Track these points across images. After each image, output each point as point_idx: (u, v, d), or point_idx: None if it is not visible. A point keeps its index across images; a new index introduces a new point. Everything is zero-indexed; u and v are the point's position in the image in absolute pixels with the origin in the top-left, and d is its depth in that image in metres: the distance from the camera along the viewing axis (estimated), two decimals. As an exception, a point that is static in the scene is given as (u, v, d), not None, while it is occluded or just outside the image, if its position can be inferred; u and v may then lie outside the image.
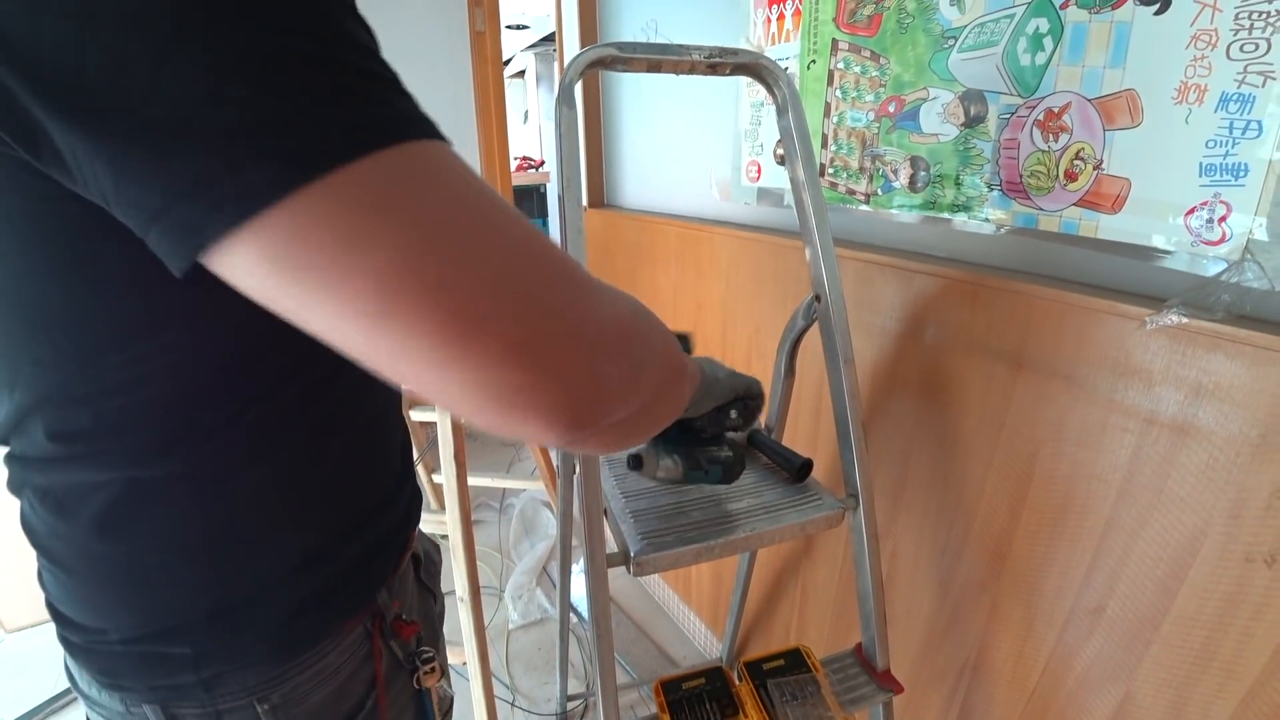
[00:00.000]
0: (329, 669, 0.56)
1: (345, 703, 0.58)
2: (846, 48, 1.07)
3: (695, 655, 1.86)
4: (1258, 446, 0.67)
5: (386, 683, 0.60)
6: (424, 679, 0.63)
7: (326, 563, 0.55)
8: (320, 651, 0.55)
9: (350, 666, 0.58)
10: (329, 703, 0.57)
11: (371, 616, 0.59)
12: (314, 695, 0.55)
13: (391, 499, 0.62)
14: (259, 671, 0.52)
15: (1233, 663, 0.72)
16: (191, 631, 0.49)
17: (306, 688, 0.55)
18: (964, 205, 0.94)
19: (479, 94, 2.87)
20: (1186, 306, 0.71)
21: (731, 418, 0.73)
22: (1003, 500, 0.93)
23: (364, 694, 0.59)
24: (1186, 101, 0.71)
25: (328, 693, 0.56)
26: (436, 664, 0.64)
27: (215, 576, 0.49)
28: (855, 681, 0.83)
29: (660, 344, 0.44)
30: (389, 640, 0.61)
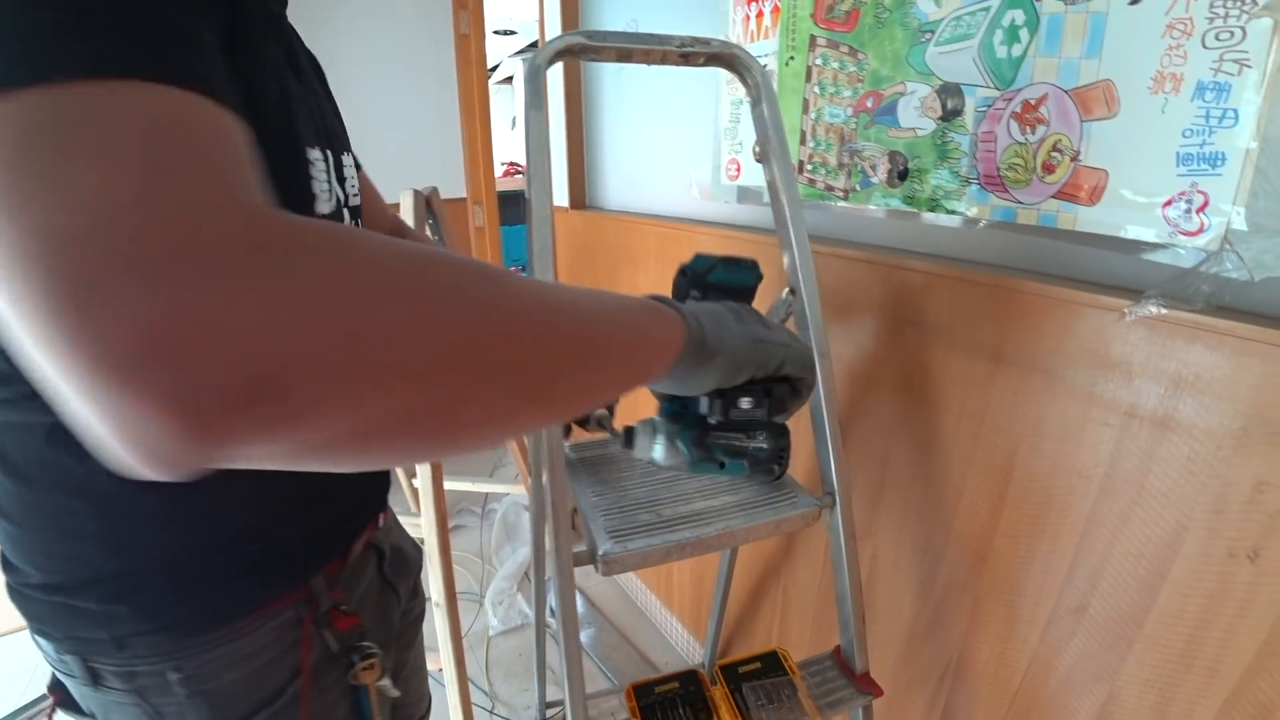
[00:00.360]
0: (247, 649, 0.55)
1: (263, 687, 0.57)
2: (825, 43, 1.06)
3: (677, 660, 1.84)
4: (1239, 439, 0.66)
5: (314, 674, 0.59)
6: (360, 674, 0.61)
7: (251, 541, 0.54)
8: (238, 630, 0.54)
9: (273, 651, 0.57)
10: (245, 684, 0.56)
11: (305, 603, 0.58)
12: (229, 674, 0.55)
13: (336, 491, 0.61)
14: (170, 639, 0.52)
15: (1216, 661, 0.70)
16: (103, 586, 0.50)
17: (220, 664, 0.54)
18: (942, 199, 0.93)
19: (463, 97, 2.86)
20: (1165, 297, 0.69)
21: (742, 408, 0.54)
22: (983, 498, 0.91)
23: (285, 681, 0.58)
24: (1163, 91, 0.70)
25: (245, 673, 0.55)
26: (377, 661, 0.62)
27: (129, 535, 0.50)
28: (833, 685, 0.81)
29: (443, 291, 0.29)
30: (322, 630, 0.59)
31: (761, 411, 0.54)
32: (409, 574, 0.80)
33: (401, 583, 0.77)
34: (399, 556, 0.77)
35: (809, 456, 1.20)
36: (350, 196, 0.63)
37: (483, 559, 2.29)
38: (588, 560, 0.70)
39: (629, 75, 1.65)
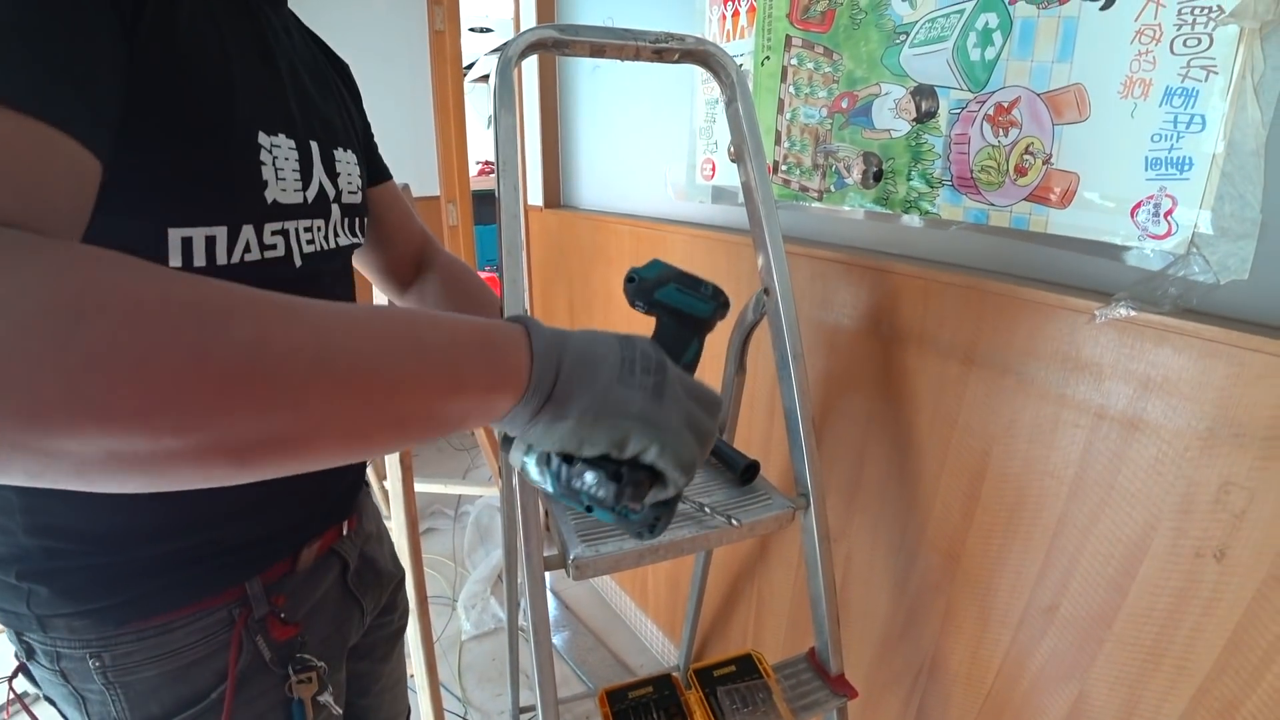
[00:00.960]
0: (170, 646, 0.54)
1: (185, 686, 0.55)
2: (800, 44, 1.06)
3: (653, 663, 1.83)
4: (1205, 440, 0.67)
5: (242, 680, 0.57)
6: (296, 687, 0.59)
7: (179, 537, 0.53)
8: (162, 625, 0.53)
9: (200, 651, 0.55)
10: (166, 681, 0.55)
11: (238, 605, 0.57)
12: (150, 668, 0.54)
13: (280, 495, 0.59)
14: (90, 626, 0.52)
15: (1184, 659, 0.71)
16: (26, 563, 0.51)
17: (141, 657, 0.53)
18: (915, 201, 0.94)
19: (438, 93, 2.82)
20: (1135, 300, 0.70)
21: (584, 482, 0.42)
22: (956, 499, 0.91)
23: (211, 684, 0.56)
24: (1132, 96, 0.71)
25: (167, 670, 0.54)
26: (317, 675, 0.60)
27: (51, 517, 0.50)
28: (808, 687, 0.81)
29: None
30: (255, 635, 0.58)
31: (607, 494, 0.42)
32: (379, 587, 0.77)
33: (368, 594, 0.74)
34: (368, 568, 0.75)
35: (783, 458, 1.20)
36: (345, 193, 0.63)
37: (455, 562, 2.26)
38: (559, 564, 0.68)
39: (604, 74, 1.64)
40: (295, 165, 0.54)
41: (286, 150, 0.53)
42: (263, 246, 0.51)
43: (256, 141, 0.50)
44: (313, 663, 0.61)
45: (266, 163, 0.50)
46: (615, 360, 0.40)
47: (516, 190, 0.65)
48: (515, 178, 0.65)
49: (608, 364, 0.40)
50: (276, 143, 0.51)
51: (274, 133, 0.51)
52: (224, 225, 0.48)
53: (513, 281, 0.65)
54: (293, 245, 0.55)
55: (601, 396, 0.39)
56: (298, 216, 0.55)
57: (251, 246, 0.50)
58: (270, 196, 0.51)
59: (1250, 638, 0.66)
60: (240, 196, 0.49)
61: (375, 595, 0.77)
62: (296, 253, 0.55)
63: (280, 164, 0.52)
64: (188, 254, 0.46)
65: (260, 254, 0.51)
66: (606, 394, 0.39)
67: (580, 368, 0.39)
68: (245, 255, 0.50)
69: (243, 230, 0.49)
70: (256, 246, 0.51)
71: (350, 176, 0.64)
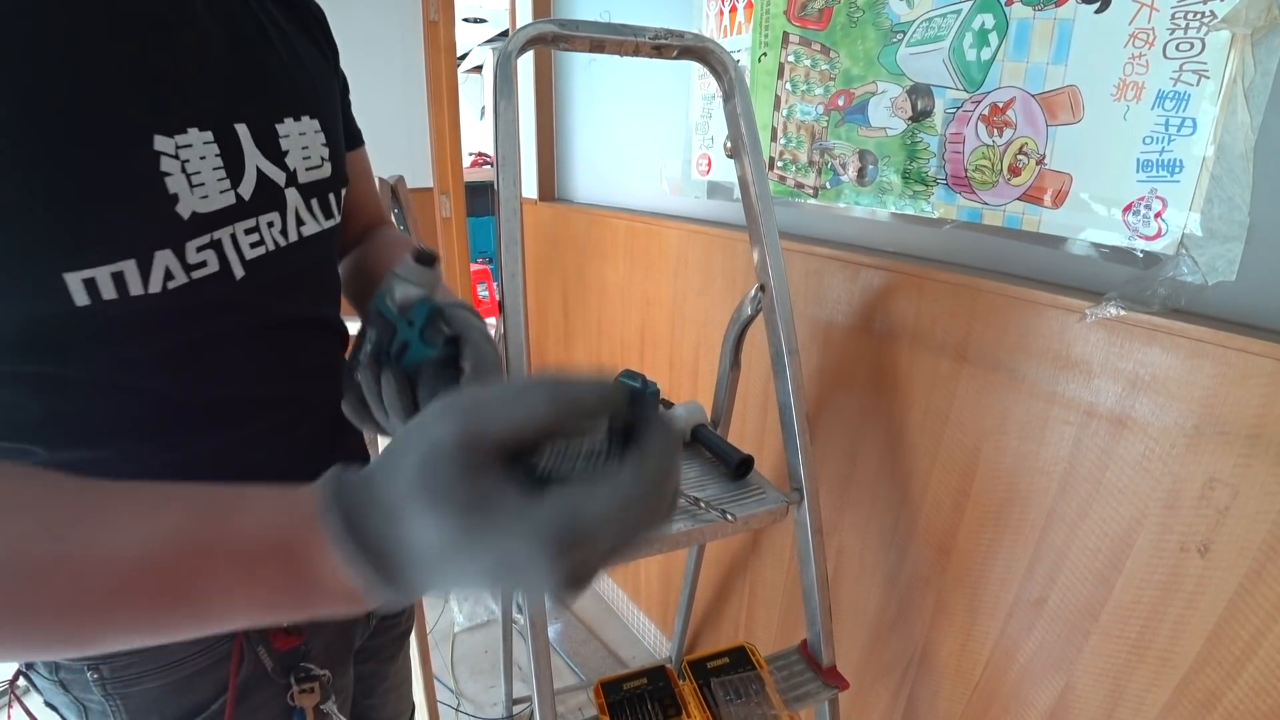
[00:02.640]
0: (171, 658, 0.52)
1: (186, 698, 0.54)
2: (797, 41, 1.06)
3: (645, 655, 1.84)
4: (1191, 438, 0.68)
5: (244, 692, 0.56)
6: (298, 697, 0.57)
7: None
8: None
9: (200, 662, 0.54)
10: (167, 692, 0.53)
11: None
12: (149, 681, 0.52)
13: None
14: None
15: (1168, 651, 0.72)
16: None
17: (140, 669, 0.52)
18: (910, 199, 0.94)
19: (431, 84, 2.80)
20: (1124, 300, 0.71)
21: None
22: (947, 494, 0.93)
23: (211, 696, 0.55)
24: (1125, 98, 0.72)
25: (167, 683, 0.53)
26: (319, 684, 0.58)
27: None
28: (801, 679, 0.82)
29: None
30: (256, 647, 0.56)
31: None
32: None
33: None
34: None
35: (776, 452, 1.21)
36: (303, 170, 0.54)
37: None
38: (557, 558, 0.69)
39: (600, 68, 1.64)
40: (217, 161, 0.46)
41: (201, 146, 0.44)
42: (188, 268, 0.44)
43: (153, 149, 0.41)
44: (315, 672, 0.59)
45: (172, 171, 0.42)
46: (445, 537, 0.28)
47: (516, 185, 0.66)
48: (515, 172, 0.65)
49: (448, 531, 0.28)
50: (184, 142, 0.43)
51: (178, 130, 0.43)
52: (130, 258, 0.41)
53: (511, 276, 0.65)
54: (229, 257, 0.47)
55: (451, 566, 0.29)
56: (232, 220, 0.47)
57: (174, 272, 0.43)
58: (186, 210, 0.43)
59: (1232, 630, 0.68)
60: (144, 222, 0.42)
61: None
62: (236, 264, 0.48)
63: (194, 166, 0.44)
64: (94, 293, 0.40)
65: (187, 276, 0.44)
66: (456, 562, 0.29)
67: (421, 546, 0.29)
68: (168, 283, 0.43)
69: (156, 258, 0.42)
70: (180, 270, 0.44)
71: (309, 149, 0.55)
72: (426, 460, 0.28)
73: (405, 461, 0.28)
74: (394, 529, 0.28)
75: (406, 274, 0.49)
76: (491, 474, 0.28)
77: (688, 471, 0.83)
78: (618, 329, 1.68)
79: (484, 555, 0.28)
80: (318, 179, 0.56)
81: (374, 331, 0.49)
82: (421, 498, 0.27)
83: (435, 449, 0.28)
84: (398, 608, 0.31)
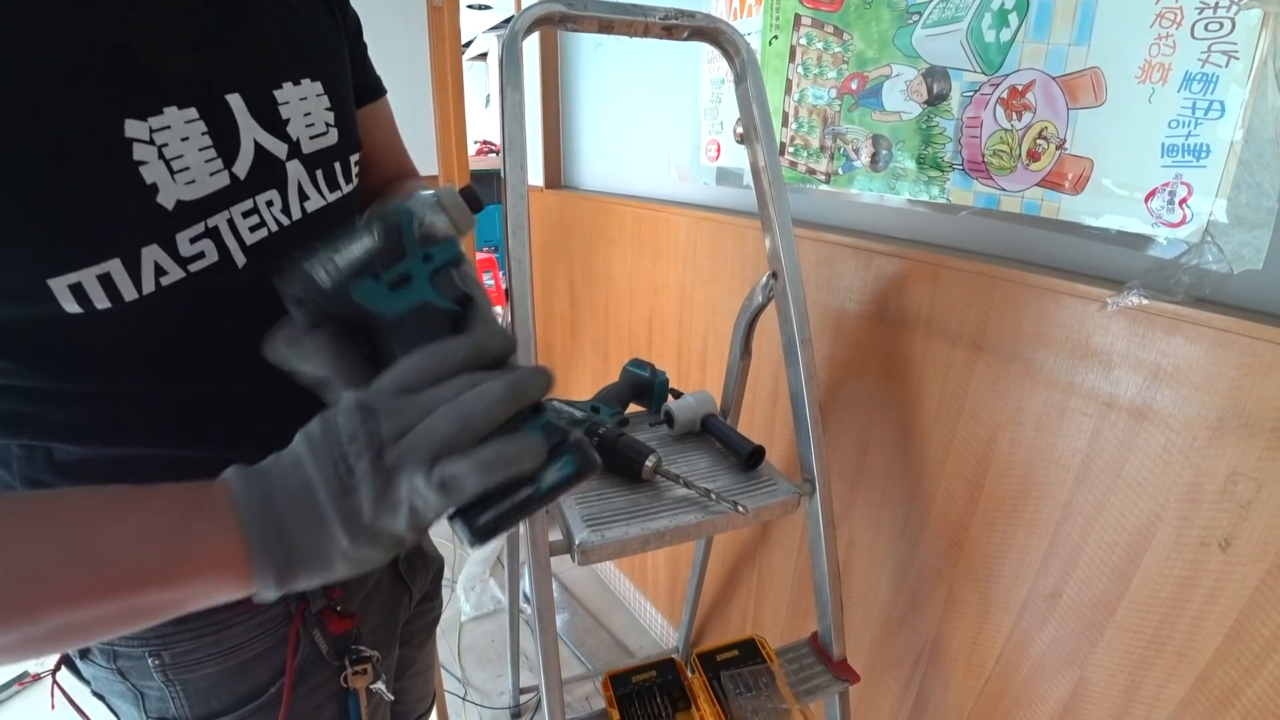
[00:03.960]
0: (229, 643, 0.53)
1: (244, 683, 0.54)
2: (809, 23, 1.04)
3: (652, 645, 1.84)
4: (1214, 430, 0.66)
5: (300, 675, 0.56)
6: (352, 679, 0.58)
7: None
8: (220, 622, 0.52)
9: (259, 646, 0.54)
10: (226, 678, 0.54)
11: (295, 600, 0.56)
12: (209, 665, 0.53)
13: None
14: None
15: (1185, 646, 0.71)
16: None
17: (200, 655, 0.52)
18: (925, 185, 0.92)
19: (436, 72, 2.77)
20: (1146, 288, 0.70)
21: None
22: (961, 486, 0.91)
23: (269, 679, 0.55)
24: (1150, 81, 0.69)
25: (226, 668, 0.53)
26: (371, 665, 0.59)
27: None
28: (811, 671, 0.81)
29: None
30: (312, 630, 0.56)
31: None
32: (426, 571, 0.76)
33: (416, 579, 0.73)
34: (417, 552, 0.74)
35: (786, 443, 1.20)
36: (306, 140, 0.51)
37: (454, 544, 2.27)
38: (564, 549, 0.68)
39: (607, 52, 1.62)
40: (204, 140, 0.42)
41: (181, 126, 0.41)
42: (183, 260, 0.42)
43: (123, 136, 0.38)
44: (367, 653, 0.59)
45: (148, 160, 0.39)
46: (328, 475, 0.34)
47: (523, 170, 0.64)
48: (521, 156, 0.64)
49: (324, 489, 0.34)
50: (160, 124, 0.40)
51: (152, 111, 0.39)
52: (114, 258, 0.38)
53: (518, 262, 0.64)
54: (229, 245, 0.45)
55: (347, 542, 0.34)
56: (226, 204, 0.44)
57: (166, 268, 0.41)
58: (169, 199, 0.40)
59: (1252, 626, 0.66)
60: (121, 218, 0.39)
61: (423, 579, 0.75)
62: (237, 251, 0.45)
63: (174, 150, 0.40)
64: (84, 299, 0.38)
65: (183, 271, 0.42)
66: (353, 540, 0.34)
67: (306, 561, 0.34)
68: (161, 280, 0.41)
69: (144, 254, 0.40)
70: (174, 265, 0.41)
71: (312, 115, 0.51)
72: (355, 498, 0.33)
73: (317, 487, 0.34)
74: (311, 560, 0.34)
75: (448, 202, 0.42)
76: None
77: (698, 463, 0.82)
78: (625, 317, 1.66)
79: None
80: (322, 147, 0.53)
81: (371, 240, 0.40)
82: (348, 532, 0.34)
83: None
84: (269, 594, 0.35)
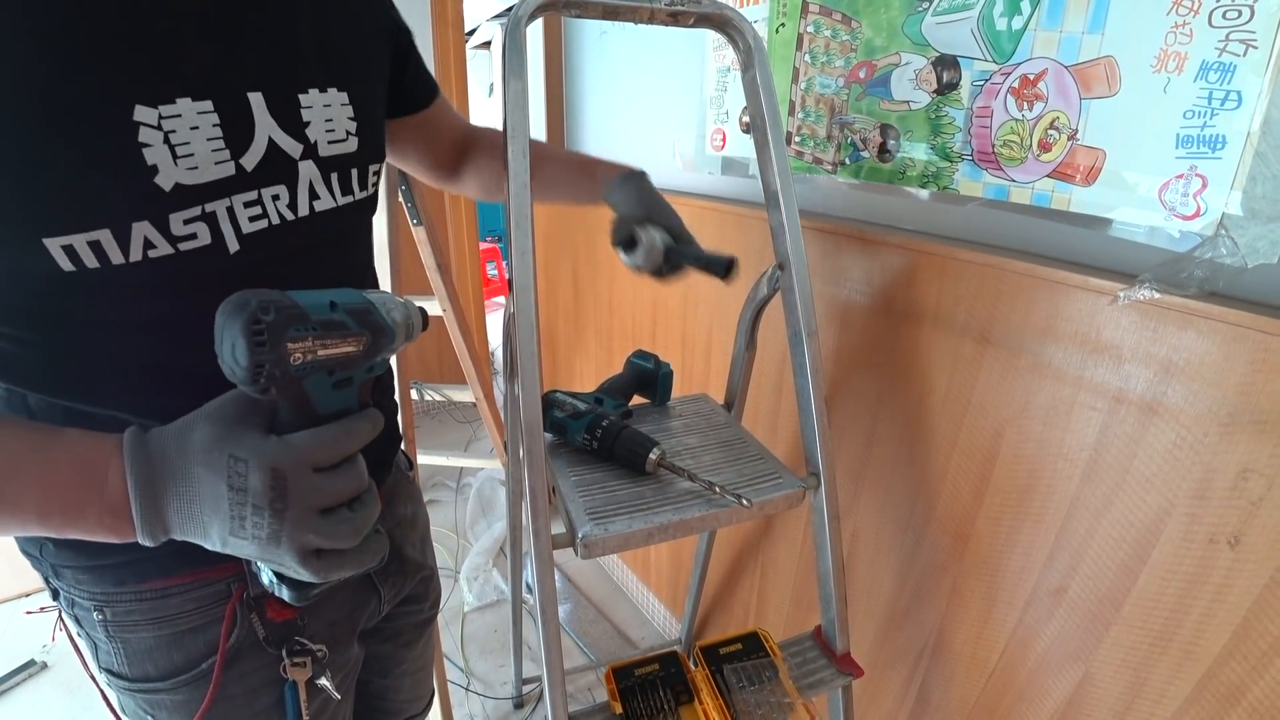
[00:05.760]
0: (166, 612, 0.55)
1: (179, 653, 0.56)
2: (817, 10, 1.02)
3: (654, 636, 1.84)
4: (1226, 426, 0.65)
5: (235, 656, 0.57)
6: (291, 670, 0.59)
7: None
8: (158, 590, 0.54)
9: (195, 620, 0.56)
10: (161, 644, 0.56)
11: (235, 580, 0.57)
12: (146, 630, 0.55)
13: None
14: (94, 581, 0.53)
15: (1192, 644, 0.71)
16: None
17: (139, 618, 0.54)
18: (934, 175, 0.91)
19: (439, 59, 2.76)
20: (1159, 282, 0.69)
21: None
22: (966, 480, 0.91)
23: (203, 654, 0.57)
24: (1166, 70, 0.68)
25: (162, 635, 0.55)
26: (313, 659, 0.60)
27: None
28: (814, 665, 0.81)
29: None
30: (250, 613, 0.57)
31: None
32: (402, 575, 0.76)
33: (387, 583, 0.73)
34: (392, 555, 0.73)
35: (790, 435, 1.20)
36: (324, 144, 0.53)
37: (457, 534, 2.27)
38: (567, 543, 0.68)
39: (611, 39, 1.60)
40: (215, 131, 0.44)
41: (193, 116, 0.43)
42: (174, 239, 0.44)
43: (131, 119, 0.40)
44: (309, 647, 0.60)
45: (152, 143, 0.41)
46: (225, 515, 0.40)
47: (525, 158, 0.63)
48: (525, 145, 0.63)
49: (218, 519, 0.41)
50: (171, 112, 0.42)
51: (164, 100, 0.42)
52: (105, 228, 0.41)
53: (522, 253, 0.63)
54: (224, 230, 0.47)
55: (219, 545, 0.42)
56: (229, 192, 0.46)
57: (155, 242, 0.43)
58: (168, 181, 0.43)
59: (1260, 624, 0.66)
60: (118, 192, 0.41)
61: (396, 584, 0.75)
62: (231, 237, 0.47)
63: (181, 138, 0.43)
64: (75, 259, 0.41)
65: (172, 248, 0.44)
66: (223, 546, 0.42)
67: (190, 524, 0.41)
68: (150, 252, 0.43)
69: (134, 229, 0.42)
70: (164, 241, 0.44)
71: (333, 122, 0.53)
72: (251, 470, 0.40)
73: (215, 468, 0.40)
74: (195, 524, 0.41)
75: (414, 324, 0.50)
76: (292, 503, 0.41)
77: (702, 456, 0.81)
78: (629, 307, 1.66)
79: (274, 552, 0.42)
80: (340, 153, 0.55)
81: (357, 349, 0.44)
82: (232, 507, 0.40)
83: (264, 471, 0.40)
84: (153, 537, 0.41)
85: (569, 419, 0.78)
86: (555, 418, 0.79)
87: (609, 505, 0.70)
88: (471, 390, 1.93)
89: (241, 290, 0.39)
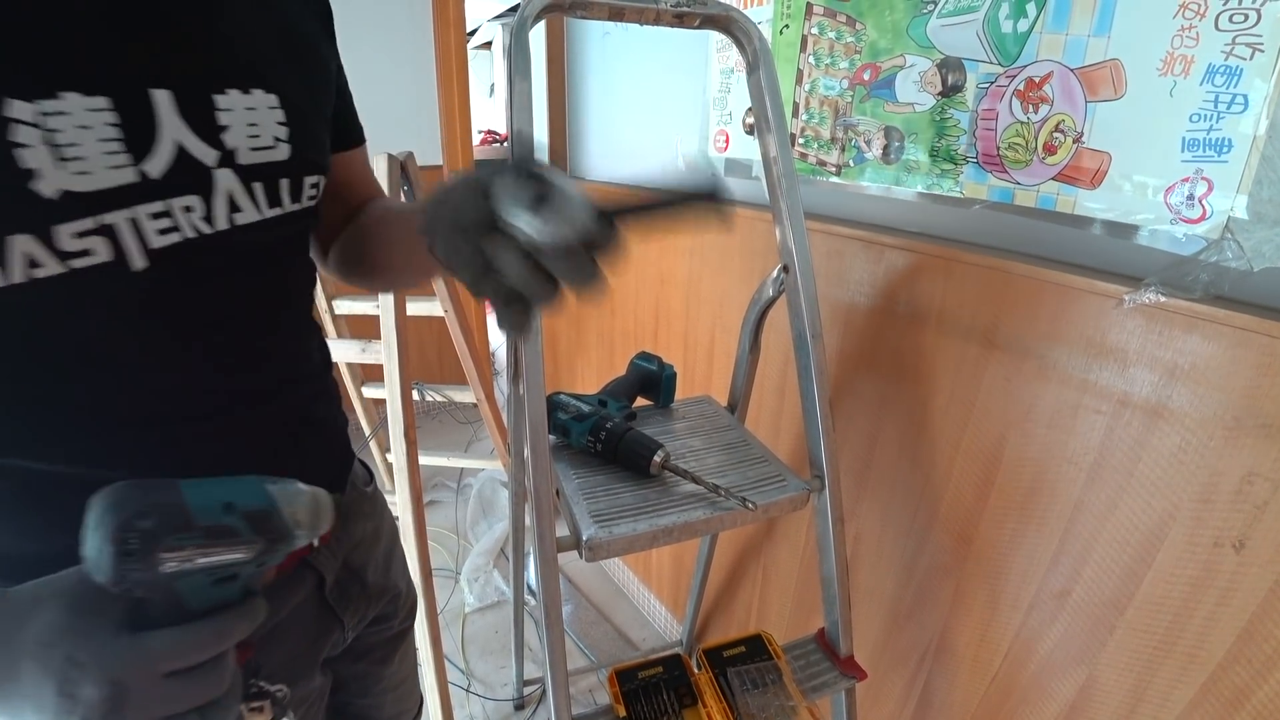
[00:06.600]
0: None
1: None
2: (821, 12, 1.02)
3: (656, 638, 1.84)
4: (1231, 430, 0.65)
5: None
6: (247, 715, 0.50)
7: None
8: None
9: None
10: None
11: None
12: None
13: None
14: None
15: (1196, 648, 0.71)
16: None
17: None
18: (938, 178, 0.91)
19: (440, 60, 2.76)
20: (1164, 285, 0.68)
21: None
22: (970, 482, 0.91)
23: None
24: (1172, 73, 0.68)
25: None
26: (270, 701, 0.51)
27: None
28: (818, 668, 0.81)
29: None
30: None
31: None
32: (365, 600, 0.70)
33: (349, 609, 0.67)
34: (353, 580, 0.67)
35: (794, 437, 1.20)
36: (245, 150, 0.47)
37: (458, 535, 2.27)
38: (571, 545, 0.68)
39: (615, 40, 1.60)
40: (110, 132, 0.39)
41: (83, 114, 0.38)
42: (63, 255, 0.38)
43: (2, 115, 0.35)
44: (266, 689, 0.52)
45: (30, 142, 0.36)
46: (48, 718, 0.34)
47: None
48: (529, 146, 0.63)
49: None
50: (54, 109, 0.36)
51: (45, 94, 0.36)
52: None
53: (528, 256, 0.63)
54: (126, 244, 0.41)
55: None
56: (131, 202, 0.40)
57: (40, 260, 0.37)
58: (51, 188, 0.37)
59: (1265, 629, 0.66)
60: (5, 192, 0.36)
61: (359, 609, 0.69)
62: (136, 253, 0.41)
63: (67, 138, 0.37)
64: None
65: (63, 266, 0.38)
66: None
67: (5, 715, 0.35)
68: (35, 271, 0.37)
69: (12, 243, 0.36)
70: (50, 258, 0.37)
71: (258, 127, 0.48)
72: (86, 681, 0.33)
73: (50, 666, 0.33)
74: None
75: (323, 513, 0.42)
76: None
77: (706, 459, 0.81)
78: (631, 308, 1.65)
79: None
80: (265, 161, 0.48)
81: (247, 555, 0.38)
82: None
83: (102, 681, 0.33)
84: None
85: (572, 421, 0.78)
86: (559, 420, 0.79)
87: (613, 508, 0.70)
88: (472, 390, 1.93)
89: (125, 481, 0.34)
